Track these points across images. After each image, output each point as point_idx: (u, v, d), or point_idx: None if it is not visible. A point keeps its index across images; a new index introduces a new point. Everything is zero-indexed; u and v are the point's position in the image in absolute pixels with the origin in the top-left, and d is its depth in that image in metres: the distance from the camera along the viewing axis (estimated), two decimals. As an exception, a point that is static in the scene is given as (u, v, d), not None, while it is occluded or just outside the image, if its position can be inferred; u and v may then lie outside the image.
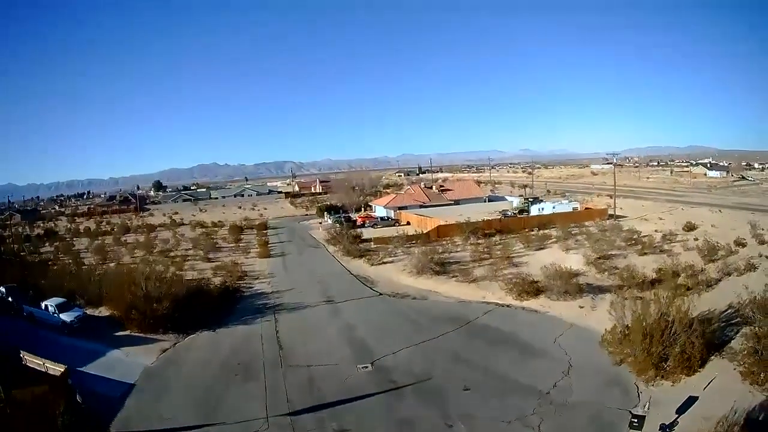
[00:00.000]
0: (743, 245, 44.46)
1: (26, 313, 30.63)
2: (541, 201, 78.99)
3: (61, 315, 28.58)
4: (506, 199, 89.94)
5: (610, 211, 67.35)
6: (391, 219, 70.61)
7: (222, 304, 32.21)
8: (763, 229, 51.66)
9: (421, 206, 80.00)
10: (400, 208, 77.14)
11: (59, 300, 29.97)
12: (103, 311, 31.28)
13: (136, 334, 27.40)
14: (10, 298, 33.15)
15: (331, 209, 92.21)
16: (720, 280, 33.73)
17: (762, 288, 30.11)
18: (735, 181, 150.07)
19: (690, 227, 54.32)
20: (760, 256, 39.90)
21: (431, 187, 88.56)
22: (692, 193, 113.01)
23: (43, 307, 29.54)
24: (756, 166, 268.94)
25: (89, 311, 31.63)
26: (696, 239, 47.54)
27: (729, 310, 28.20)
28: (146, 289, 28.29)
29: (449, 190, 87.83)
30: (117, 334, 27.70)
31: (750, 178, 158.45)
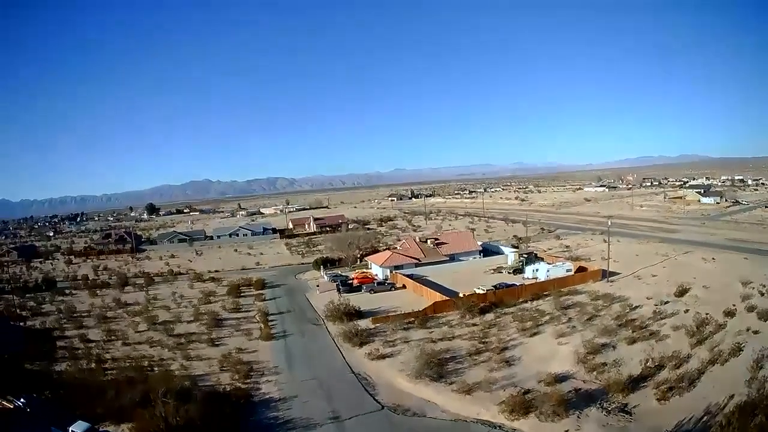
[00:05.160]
0: (732, 315, 47.39)
1: (53, 434, 32.33)
2: (536, 257, 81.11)
3: (89, 444, 30.38)
4: (501, 251, 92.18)
5: (604, 264, 70.12)
6: (388, 283, 72.87)
7: (236, 417, 34.21)
8: (753, 288, 54.85)
9: (416, 264, 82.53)
10: (396, 268, 79.57)
11: (85, 425, 31.66)
12: (125, 429, 33.00)
13: (162, 464, 29.34)
14: (29, 409, 34.76)
15: (327, 262, 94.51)
16: (703, 373, 36.20)
17: (741, 383, 33.14)
18: (728, 206, 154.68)
19: (682, 291, 57.16)
20: (748, 330, 42.89)
21: (426, 241, 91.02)
22: (686, 227, 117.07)
23: (69, 432, 31.29)
24: (749, 182, 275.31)
25: (110, 428, 33.52)
26: (686, 311, 50.21)
27: (705, 418, 31.03)
28: (166, 417, 30.34)
29: (444, 243, 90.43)
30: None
31: (743, 202, 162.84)
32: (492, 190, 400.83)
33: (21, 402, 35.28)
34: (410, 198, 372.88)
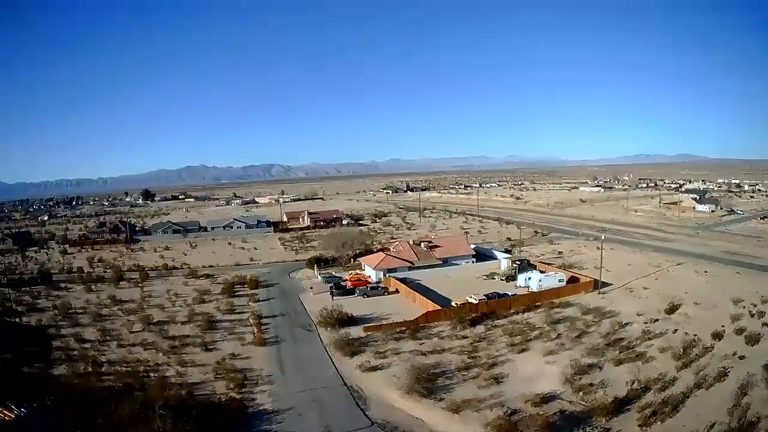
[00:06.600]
0: (720, 337, 48.40)
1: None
2: (528, 264, 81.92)
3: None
4: (494, 255, 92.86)
5: (596, 273, 71.22)
6: (381, 287, 73.73)
7: (231, 430, 35.15)
8: (743, 307, 56.08)
9: (409, 267, 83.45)
10: (389, 270, 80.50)
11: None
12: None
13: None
14: (29, 419, 35.40)
15: (321, 261, 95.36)
16: (687, 398, 37.19)
17: (724, 411, 34.24)
18: (723, 215, 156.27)
19: (672, 308, 58.20)
20: (734, 355, 43.84)
21: (419, 244, 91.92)
22: (680, 236, 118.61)
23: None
24: (745, 188, 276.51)
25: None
26: (675, 330, 51.37)
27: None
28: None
29: (437, 246, 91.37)
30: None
31: (739, 211, 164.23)
32: (487, 185, 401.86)
33: (22, 411, 35.90)
34: (405, 191, 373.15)
